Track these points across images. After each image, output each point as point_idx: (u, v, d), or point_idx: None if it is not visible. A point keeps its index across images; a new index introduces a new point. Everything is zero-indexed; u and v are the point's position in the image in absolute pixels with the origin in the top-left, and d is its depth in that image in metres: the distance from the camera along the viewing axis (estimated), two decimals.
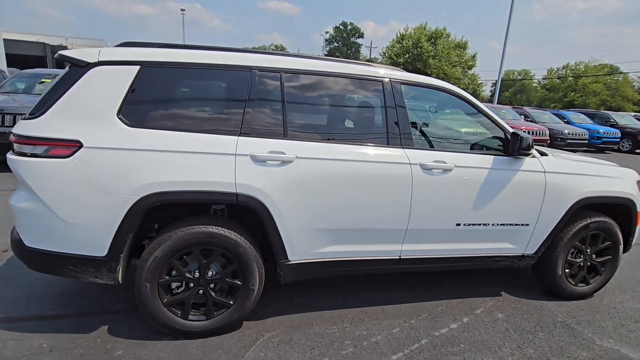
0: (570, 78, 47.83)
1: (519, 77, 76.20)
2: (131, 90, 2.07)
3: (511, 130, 2.75)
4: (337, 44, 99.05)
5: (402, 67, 26.20)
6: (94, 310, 2.56)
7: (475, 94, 38.22)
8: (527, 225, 2.83)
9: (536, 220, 2.83)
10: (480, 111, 2.76)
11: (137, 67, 2.09)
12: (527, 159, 2.77)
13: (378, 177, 2.41)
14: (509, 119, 13.17)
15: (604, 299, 3.20)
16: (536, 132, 12.19)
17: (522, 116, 14.40)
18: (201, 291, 2.26)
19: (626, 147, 15.96)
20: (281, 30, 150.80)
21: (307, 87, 2.42)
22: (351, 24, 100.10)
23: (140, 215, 2.05)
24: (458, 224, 2.66)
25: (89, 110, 2.02)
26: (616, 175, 3.05)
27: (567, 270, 3.06)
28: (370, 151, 2.41)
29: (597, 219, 2.99)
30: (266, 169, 2.20)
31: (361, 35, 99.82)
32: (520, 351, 2.42)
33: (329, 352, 2.29)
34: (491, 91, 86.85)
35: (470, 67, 35.04)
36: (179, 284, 2.26)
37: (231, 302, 2.32)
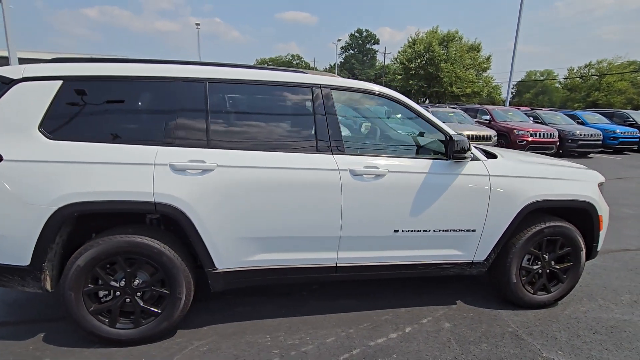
0: (594, 77, 46.11)
1: (541, 78, 74.07)
2: (53, 104, 2.15)
3: (452, 133, 2.68)
4: (352, 52, 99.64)
5: (414, 72, 26.11)
6: (36, 318, 2.64)
7: (491, 96, 37.45)
8: (473, 231, 2.73)
9: (483, 226, 2.73)
10: (418, 114, 2.70)
11: (60, 82, 2.17)
12: (471, 163, 2.69)
13: (305, 184, 2.39)
14: (515, 121, 12.83)
15: (568, 308, 3.04)
16: (544, 134, 11.80)
17: (531, 118, 13.96)
18: (128, 299, 2.30)
19: None
20: (298, 39, 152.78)
21: (233, 96, 2.45)
22: (366, 30, 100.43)
23: (59, 225, 2.11)
24: (396, 231, 2.60)
25: (11, 125, 2.11)
26: (574, 178, 2.92)
27: (524, 278, 2.93)
28: (298, 158, 2.40)
29: (552, 223, 2.86)
30: (186, 178, 2.23)
31: (377, 42, 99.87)
32: None
33: None
34: (512, 93, 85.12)
35: (484, 70, 34.34)
36: (107, 292, 2.31)
37: (159, 311, 2.34)
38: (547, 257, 2.94)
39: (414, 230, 2.63)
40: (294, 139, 2.48)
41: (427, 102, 34.51)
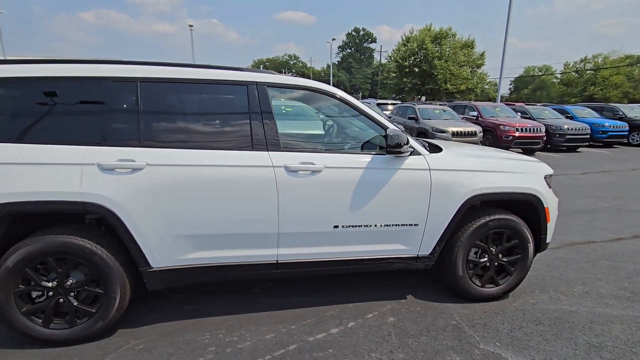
0: (589, 71, 46.04)
1: (539, 73, 73.94)
2: None
3: (391, 128, 2.68)
4: (349, 50, 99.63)
5: (407, 70, 26.11)
6: None
7: (485, 93, 37.40)
8: (416, 225, 2.73)
9: (425, 220, 2.73)
10: (357, 109, 2.70)
11: None
12: (412, 157, 2.69)
13: (239, 181, 2.40)
14: (502, 117, 12.82)
15: (517, 300, 3.04)
16: (530, 129, 11.78)
17: (519, 113, 13.95)
18: (62, 300, 2.31)
19: (636, 141, 15.19)
20: (297, 40, 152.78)
21: (167, 94, 2.45)
22: (363, 29, 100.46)
23: None
24: (336, 226, 2.61)
25: None
26: (519, 171, 2.91)
27: (471, 271, 2.93)
28: (231, 155, 2.41)
29: (496, 216, 2.86)
30: (115, 177, 2.23)
31: (374, 40, 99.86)
32: (390, 356, 2.33)
33: (185, 359, 2.28)
34: (509, 89, 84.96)
35: (479, 66, 34.28)
36: (40, 292, 2.31)
37: (93, 311, 2.35)
38: (494, 250, 2.94)
39: (355, 226, 2.64)
40: (228, 136, 2.48)
41: (423, 99, 34.50)
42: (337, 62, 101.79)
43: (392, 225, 2.70)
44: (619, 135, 14.51)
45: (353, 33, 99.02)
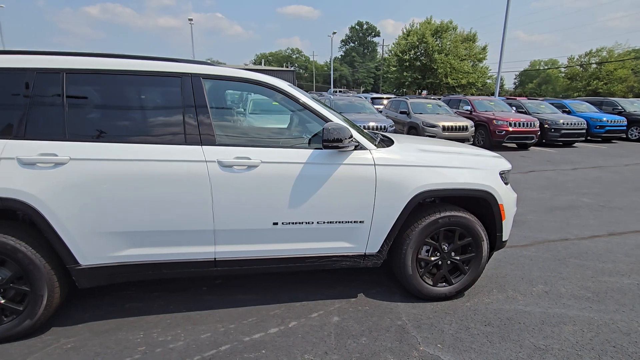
0: (594, 65, 45.33)
1: (545, 67, 72.94)
2: None
3: (334, 121, 2.58)
4: (353, 44, 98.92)
5: (408, 63, 25.90)
6: None
7: (487, 87, 36.97)
8: (361, 222, 2.64)
9: (371, 217, 2.64)
10: (299, 102, 2.60)
11: None
12: (356, 152, 2.59)
13: (169, 176, 2.31)
14: (496, 111, 12.61)
15: (471, 300, 2.95)
16: (524, 124, 11.58)
17: (514, 108, 13.72)
18: None
19: (635, 136, 14.92)
20: (301, 33, 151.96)
21: (94, 86, 2.37)
22: (367, 23, 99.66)
23: None
24: (275, 223, 2.52)
25: None
26: (471, 166, 2.80)
27: (421, 270, 2.84)
28: (161, 150, 2.32)
29: (447, 213, 2.76)
30: (36, 172, 2.16)
31: (377, 34, 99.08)
32: (324, 357, 2.26)
33: (111, 359, 2.21)
34: (514, 83, 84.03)
35: (480, 60, 33.87)
36: None
37: (21, 309, 2.29)
38: (446, 248, 2.85)
39: (296, 223, 2.55)
40: (160, 130, 2.40)
41: (424, 93, 34.18)
42: (340, 57, 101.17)
43: (336, 222, 2.61)
44: (617, 130, 14.23)
45: (356, 27, 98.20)
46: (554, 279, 3.31)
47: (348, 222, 2.62)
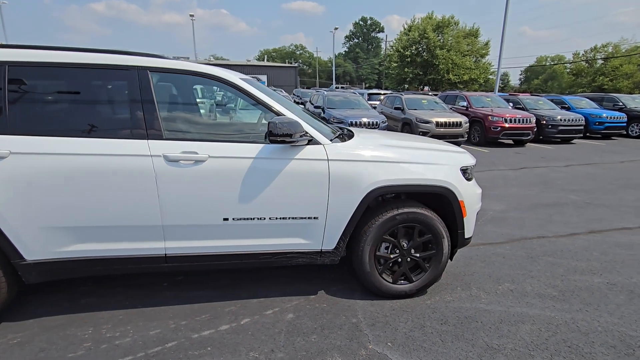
0: (599, 61, 44.71)
1: (551, 63, 72.05)
2: None
3: (288, 116, 2.53)
4: (357, 40, 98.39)
5: (409, 59, 25.72)
6: None
7: (489, 83, 36.60)
8: (316, 218, 2.60)
9: (326, 213, 2.59)
10: (251, 97, 2.55)
11: None
12: (309, 147, 2.54)
13: (113, 170, 2.28)
14: (493, 107, 12.46)
15: (433, 297, 2.90)
16: (520, 120, 11.43)
17: (511, 104, 13.55)
18: None
19: (635, 132, 14.67)
20: (306, 30, 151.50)
21: (39, 79, 2.34)
22: (371, 18, 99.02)
23: None
24: (226, 219, 2.48)
25: None
26: (430, 162, 2.74)
27: (380, 267, 2.79)
28: (105, 144, 2.29)
29: (405, 210, 2.70)
30: None
31: (381, 30, 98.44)
32: (269, 355, 2.22)
33: (55, 355, 2.20)
34: (520, 79, 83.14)
35: (483, 56, 33.51)
36: None
37: None
38: (405, 245, 2.80)
39: (247, 219, 2.51)
40: (106, 123, 2.36)
41: (427, 89, 33.90)
42: (344, 52, 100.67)
43: (289, 218, 2.56)
44: (616, 127, 14.00)
45: (360, 22, 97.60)
46: (522, 277, 3.25)
47: (302, 218, 2.58)
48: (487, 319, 2.62)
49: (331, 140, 2.66)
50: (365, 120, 9.93)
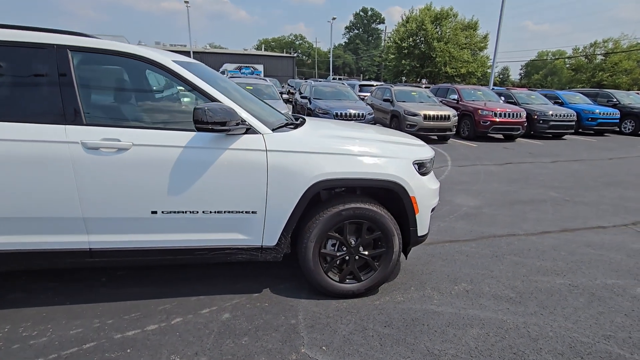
0: (599, 56, 44.32)
1: (552, 58, 71.47)
2: None
3: (228, 103, 2.34)
4: (357, 31, 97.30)
5: (406, 51, 25.41)
6: None
7: (486, 77, 36.24)
8: (254, 213, 2.43)
9: (265, 208, 2.43)
10: (185, 81, 2.34)
11: None
12: (246, 136, 2.36)
13: (26, 157, 2.10)
14: (483, 101, 12.26)
15: (383, 297, 2.75)
16: (510, 115, 11.24)
17: (503, 97, 13.35)
18: None
19: (629, 129, 14.51)
20: (306, 20, 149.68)
21: None
22: (372, 9, 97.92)
23: None
24: (154, 212, 2.31)
25: None
26: (379, 154, 2.56)
27: (325, 265, 2.64)
28: (16, 128, 2.10)
29: (351, 205, 2.54)
30: None
31: (382, 21, 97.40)
32: (190, 359, 2.07)
33: None
34: (520, 74, 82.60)
35: (481, 49, 33.11)
36: None
37: None
38: (353, 242, 2.64)
39: (178, 212, 2.34)
40: (21, 106, 2.17)
41: (424, 81, 33.54)
42: (344, 44, 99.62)
43: (225, 212, 2.40)
44: (609, 123, 13.84)
45: (361, 13, 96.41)
46: (482, 277, 3.10)
47: (238, 212, 2.41)
48: (435, 322, 2.48)
49: (274, 129, 2.48)
50: (350, 111, 9.72)
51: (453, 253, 3.56)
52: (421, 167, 2.74)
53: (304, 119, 3.11)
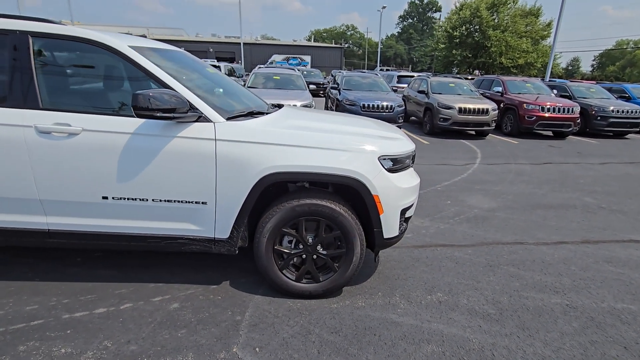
0: None
1: (634, 47, 63.86)
2: None
3: (180, 89, 2.28)
4: (411, 21, 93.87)
5: (458, 40, 24.12)
6: None
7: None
8: (204, 203, 2.36)
9: (215, 199, 2.35)
10: (140, 68, 2.27)
11: None
12: (197, 124, 2.29)
13: None
14: (531, 94, 11.21)
15: (344, 301, 2.57)
16: (560, 109, 10.17)
17: (555, 90, 12.10)
18: None
19: None
20: (360, 9, 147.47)
21: None
22: None
23: None
24: (105, 197, 2.33)
25: None
26: (337, 148, 2.35)
27: (280, 262, 2.51)
28: None
29: (306, 201, 2.38)
30: None
31: (439, 9, 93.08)
32: (121, 346, 2.07)
33: None
34: (592, 66, 74.94)
35: (543, 37, 30.36)
36: None
37: None
38: (311, 240, 2.48)
39: (128, 199, 2.34)
40: None
41: (477, 72, 31.59)
42: (396, 34, 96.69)
43: (174, 201, 2.35)
44: None
45: (416, 1, 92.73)
46: (463, 289, 2.80)
47: (188, 202, 2.36)
48: (389, 334, 2.26)
49: (230, 118, 2.38)
50: (378, 103, 9.35)
51: (442, 259, 3.26)
52: (396, 163, 2.51)
53: (280, 108, 2.97)
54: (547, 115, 10.21)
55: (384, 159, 2.44)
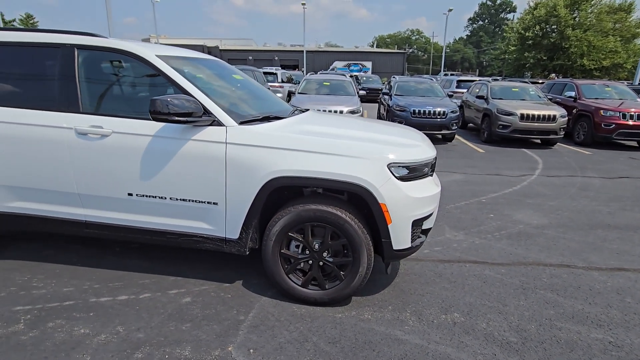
0: None
1: None
2: None
3: (198, 95, 2.42)
4: (482, 23, 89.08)
5: (531, 41, 22.49)
6: None
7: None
8: (215, 204, 2.46)
9: (225, 200, 2.44)
10: (164, 75, 2.46)
11: None
12: (210, 128, 2.40)
13: (36, 139, 2.52)
14: (611, 99, 9.96)
15: (350, 312, 2.50)
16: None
17: None
18: None
19: None
20: (427, 14, 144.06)
21: None
22: None
23: None
24: (130, 194, 2.54)
25: None
26: (344, 154, 2.30)
27: (287, 266, 2.52)
28: (27, 114, 2.52)
29: (311, 206, 2.36)
30: None
31: (513, 10, 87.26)
32: (130, 333, 2.22)
33: None
34: None
35: (634, 36, 26.89)
36: None
37: None
38: (317, 246, 2.45)
39: (149, 196, 2.52)
40: (29, 96, 2.59)
41: (553, 76, 28.96)
42: (465, 37, 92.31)
43: (189, 200, 2.49)
44: None
45: (488, 2, 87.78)
46: (485, 311, 2.56)
47: (201, 202, 2.48)
48: (388, 351, 2.15)
49: (241, 122, 2.46)
50: (429, 109, 8.99)
51: (468, 276, 3.02)
52: (411, 171, 2.40)
53: (302, 112, 3.00)
54: (630, 123, 9.01)
55: (397, 166, 2.34)
